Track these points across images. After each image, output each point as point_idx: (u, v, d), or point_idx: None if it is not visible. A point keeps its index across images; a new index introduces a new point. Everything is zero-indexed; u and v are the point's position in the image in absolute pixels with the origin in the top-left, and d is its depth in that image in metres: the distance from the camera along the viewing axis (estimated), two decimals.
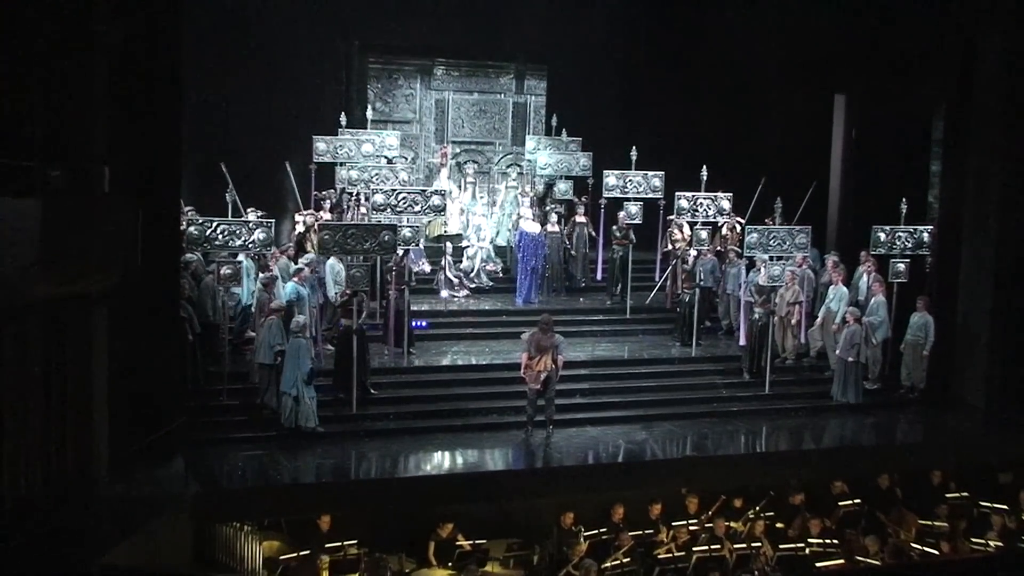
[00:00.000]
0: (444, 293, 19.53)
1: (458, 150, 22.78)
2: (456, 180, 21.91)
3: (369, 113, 21.34)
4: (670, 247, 20.04)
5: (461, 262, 20.35)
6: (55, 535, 11.08)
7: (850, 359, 17.14)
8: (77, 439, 12.07)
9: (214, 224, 15.35)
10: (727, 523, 14.81)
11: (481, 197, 22.07)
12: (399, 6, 21.63)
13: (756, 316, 17.57)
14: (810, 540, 14.83)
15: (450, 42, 22.67)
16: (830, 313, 17.90)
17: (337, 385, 15.59)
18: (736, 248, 18.79)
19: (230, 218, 15.71)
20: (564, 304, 19.92)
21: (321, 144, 19.81)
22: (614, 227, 19.88)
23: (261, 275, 16.42)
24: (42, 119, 11.60)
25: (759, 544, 14.56)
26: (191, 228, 15.31)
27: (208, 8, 18.65)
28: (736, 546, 14.42)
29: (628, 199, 19.43)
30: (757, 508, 15.29)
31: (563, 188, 21.16)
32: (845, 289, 18.04)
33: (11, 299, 10.78)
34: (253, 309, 16.50)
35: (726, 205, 18.67)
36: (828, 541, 14.82)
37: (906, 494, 15.96)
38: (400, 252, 16.79)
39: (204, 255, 16.25)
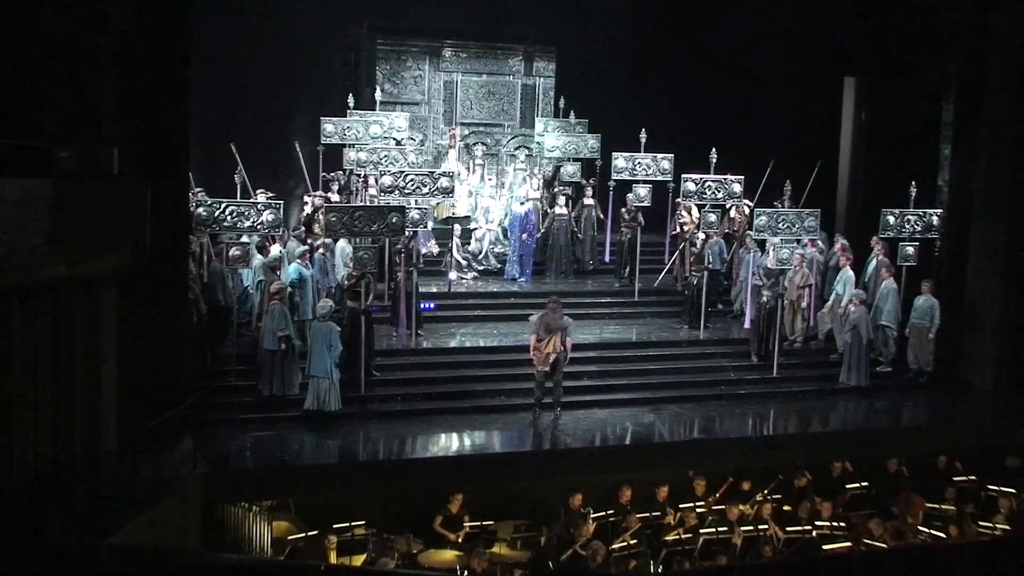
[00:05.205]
0: (452, 275, 19.50)
1: (467, 132, 22.74)
2: (465, 162, 21.90)
3: (378, 95, 21.36)
4: (679, 230, 20.00)
5: (469, 244, 20.37)
6: (64, 514, 11.13)
7: (854, 341, 17.12)
8: (86, 419, 12.13)
9: (223, 205, 15.35)
10: (737, 507, 14.85)
11: (489, 179, 22.07)
12: None
13: (764, 299, 17.55)
14: (817, 523, 14.87)
15: (459, 24, 22.60)
16: (838, 297, 17.90)
17: (344, 367, 15.59)
18: (750, 232, 18.70)
19: (239, 199, 15.72)
20: (572, 287, 19.88)
21: (329, 126, 19.80)
22: (623, 209, 19.86)
23: (266, 257, 16.46)
24: (52, 100, 11.61)
25: (766, 527, 14.60)
26: (200, 209, 15.30)
27: None
28: (743, 528, 14.46)
29: (637, 181, 19.41)
30: (765, 491, 15.32)
31: (571, 170, 21.12)
32: (852, 273, 18.04)
33: (21, 280, 10.81)
34: (252, 291, 16.56)
35: (737, 188, 18.62)
36: (835, 524, 14.86)
37: (913, 477, 15.97)
38: (408, 234, 16.80)
39: (212, 237, 16.26)
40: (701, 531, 14.35)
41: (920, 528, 15.11)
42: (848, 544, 14.56)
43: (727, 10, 21.91)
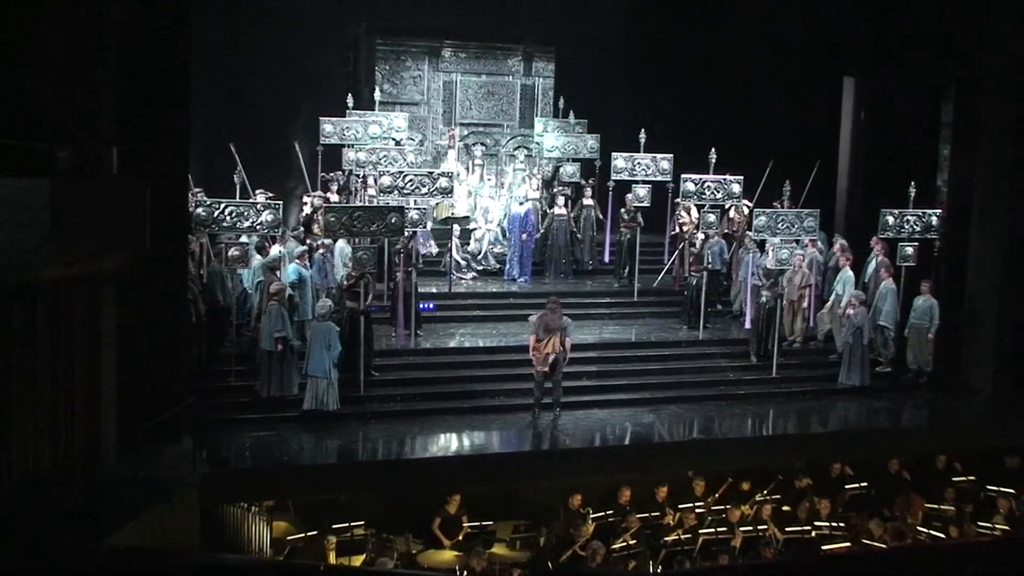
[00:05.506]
0: (453, 275, 19.48)
1: (466, 132, 22.75)
2: (464, 162, 21.90)
3: (377, 95, 21.36)
4: (678, 230, 19.99)
5: (469, 244, 20.37)
6: (62, 515, 11.12)
7: (855, 341, 17.12)
8: (85, 420, 12.11)
9: (222, 205, 15.34)
10: (737, 508, 14.84)
11: (489, 179, 22.06)
12: None
13: (764, 299, 17.54)
14: (817, 523, 14.86)
15: (458, 24, 22.61)
16: (837, 297, 17.90)
17: (343, 367, 15.58)
18: (750, 233, 18.68)
19: (238, 199, 15.72)
20: (571, 287, 19.88)
21: (328, 126, 19.80)
22: (622, 210, 19.87)
23: (265, 258, 16.44)
24: (51, 100, 11.60)
25: (766, 527, 14.59)
26: (199, 209, 15.29)
27: None
28: (743, 529, 14.45)
29: (636, 181, 19.40)
30: (764, 491, 15.31)
31: (570, 171, 21.12)
32: (851, 273, 18.03)
33: (20, 280, 10.80)
34: (251, 291, 16.56)
35: (736, 189, 18.62)
36: (834, 524, 14.85)
37: (913, 478, 15.96)
38: (408, 234, 16.80)
39: (211, 237, 16.26)
40: (700, 531, 14.34)
41: (920, 528, 15.11)
42: (848, 544, 14.56)
43: (726, 10, 21.91)
